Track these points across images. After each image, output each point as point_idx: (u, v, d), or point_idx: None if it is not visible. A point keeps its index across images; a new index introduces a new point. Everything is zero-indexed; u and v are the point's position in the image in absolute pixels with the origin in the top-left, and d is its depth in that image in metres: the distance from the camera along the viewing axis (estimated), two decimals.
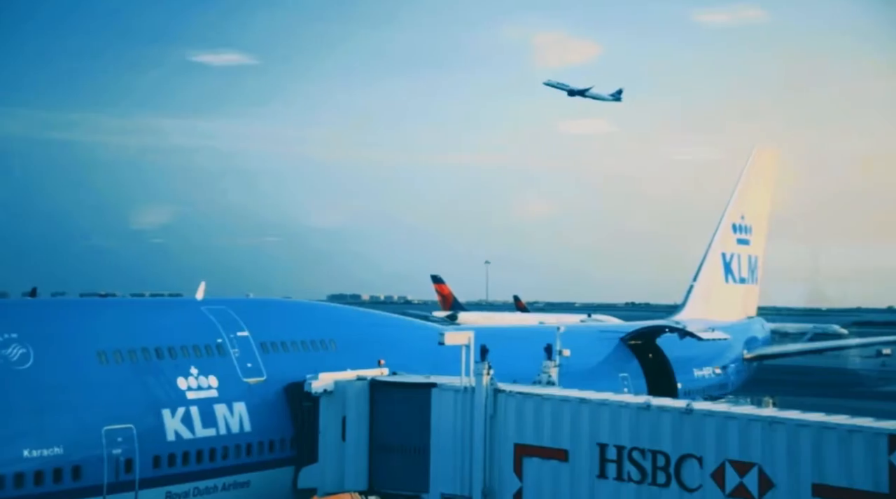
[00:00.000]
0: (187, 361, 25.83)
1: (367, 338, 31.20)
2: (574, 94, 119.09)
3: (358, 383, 26.99)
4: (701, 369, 46.82)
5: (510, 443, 24.81)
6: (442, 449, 25.64)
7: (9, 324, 23.28)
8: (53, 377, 23.06)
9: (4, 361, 22.48)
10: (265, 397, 26.89)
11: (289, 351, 28.58)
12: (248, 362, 27.16)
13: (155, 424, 24.16)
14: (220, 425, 25.56)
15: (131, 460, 23.25)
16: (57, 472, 21.98)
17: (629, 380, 40.43)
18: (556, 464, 24.11)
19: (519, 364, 29.88)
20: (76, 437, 22.57)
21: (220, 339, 27.04)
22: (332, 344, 29.94)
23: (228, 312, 28.16)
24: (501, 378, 25.68)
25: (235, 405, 26.11)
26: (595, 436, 23.69)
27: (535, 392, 25.33)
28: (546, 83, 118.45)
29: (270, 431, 26.65)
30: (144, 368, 24.83)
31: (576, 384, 27.30)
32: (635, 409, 23.45)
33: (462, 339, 25.79)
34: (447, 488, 25.49)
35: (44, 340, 23.47)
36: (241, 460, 25.83)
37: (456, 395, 25.59)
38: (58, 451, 22.10)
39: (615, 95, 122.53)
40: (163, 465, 23.98)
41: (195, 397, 25.34)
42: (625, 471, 23.19)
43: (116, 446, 23.04)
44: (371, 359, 28.39)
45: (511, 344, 33.47)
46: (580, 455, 23.82)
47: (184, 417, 24.79)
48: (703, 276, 55.48)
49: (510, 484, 24.71)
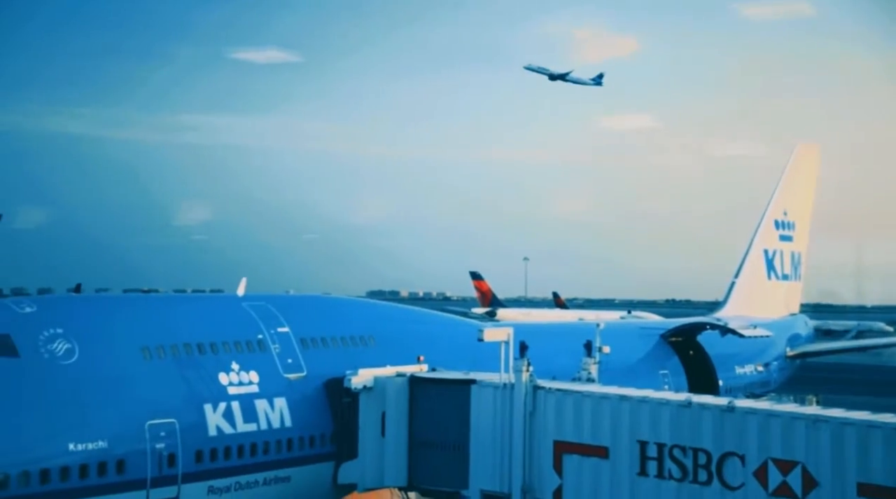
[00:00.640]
0: (228, 356, 26.04)
1: (406, 334, 31.25)
2: (555, 78, 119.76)
3: (397, 380, 27.05)
4: (743, 367, 46.39)
5: (550, 440, 24.73)
6: (481, 446, 25.61)
7: (54, 320, 23.63)
8: (98, 372, 23.35)
9: (50, 356, 22.82)
10: (305, 393, 27.04)
11: (328, 347, 28.72)
12: (288, 358, 27.33)
13: (197, 419, 24.39)
14: (261, 420, 25.75)
15: (174, 455, 23.48)
16: (101, 466, 22.26)
17: (669, 377, 40.17)
18: (596, 461, 23.99)
19: (558, 361, 29.82)
20: (120, 431, 22.84)
21: (261, 335, 27.24)
22: (371, 340, 30.03)
23: (269, 308, 28.36)
24: (541, 375, 25.61)
25: (276, 401, 26.29)
26: (635, 433, 23.55)
27: (574, 389, 25.22)
28: (526, 68, 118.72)
29: (311, 426, 26.80)
30: (186, 364, 25.07)
31: (616, 381, 27.16)
32: (676, 406, 23.27)
33: (501, 335, 25.74)
34: (486, 485, 25.47)
35: (88, 335, 23.79)
36: (281, 455, 25.99)
37: (495, 391, 25.55)
38: (102, 445, 22.38)
39: (596, 80, 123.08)
40: (205, 459, 24.20)
41: (236, 392, 25.54)
42: (665, 469, 23.03)
43: (159, 440, 23.29)
44: (410, 355, 28.44)
45: (550, 341, 33.37)
46: (620, 453, 23.68)
47: (225, 412, 25.00)
48: (745, 272, 54.97)
49: (550, 481, 24.63)
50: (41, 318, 23.51)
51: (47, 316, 23.71)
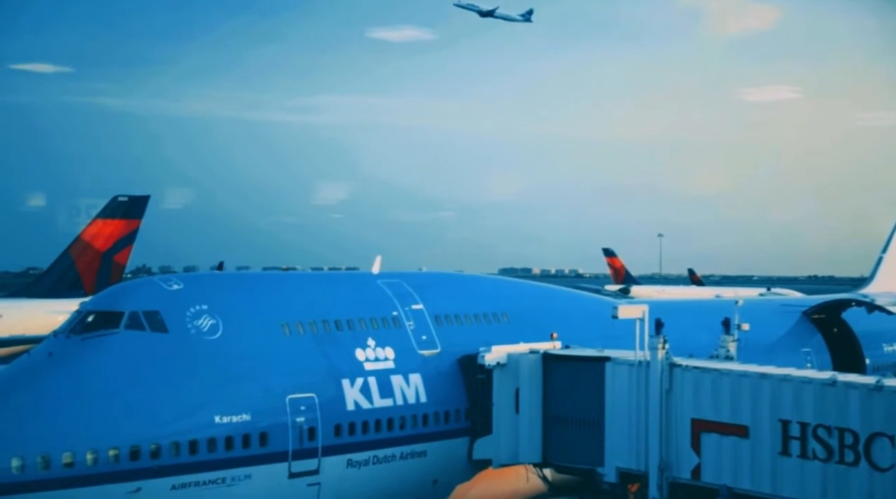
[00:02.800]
0: (365, 333, 26.54)
1: (538, 311, 31.18)
2: (484, 15, 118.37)
3: (531, 356, 27.03)
4: (891, 345, 44.45)
5: (687, 418, 24.29)
6: (616, 423, 25.38)
7: (200, 296, 24.54)
8: (240, 347, 24.17)
9: (196, 331, 23.73)
10: (440, 369, 27.33)
11: (462, 324, 28.92)
12: (422, 335, 27.66)
13: (335, 393, 24.97)
14: (397, 395, 26.17)
15: (314, 429, 24.12)
16: (245, 438, 23.08)
17: (812, 355, 38.87)
18: (735, 440, 23.46)
19: (695, 338, 29.27)
20: (262, 405, 23.60)
21: (396, 311, 27.63)
22: (504, 317, 30.09)
23: (403, 285, 28.74)
24: (677, 353, 25.17)
25: (411, 377, 26.67)
26: (777, 412, 22.91)
27: (712, 367, 24.69)
28: (456, 4, 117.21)
29: (445, 402, 27.08)
30: (325, 340, 25.68)
31: (755, 359, 26.47)
32: (820, 385, 22.52)
33: (636, 312, 25.39)
34: (622, 463, 25.24)
35: (231, 311, 24.63)
36: (417, 430, 26.38)
37: (630, 369, 25.25)
38: (246, 418, 23.18)
39: (525, 16, 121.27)
40: (343, 433, 24.78)
41: (373, 368, 26.02)
42: (809, 449, 22.34)
43: (300, 414, 23.96)
44: (543, 332, 28.37)
45: (686, 318, 32.78)
46: (761, 432, 23.09)
47: (362, 387, 25.51)
48: (894, 247, 52.61)
49: (688, 460, 24.23)
50: (187, 295, 24.45)
51: (193, 293, 24.63)
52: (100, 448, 21.23)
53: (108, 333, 23.01)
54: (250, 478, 22.99)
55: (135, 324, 23.22)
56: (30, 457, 20.60)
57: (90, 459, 21.11)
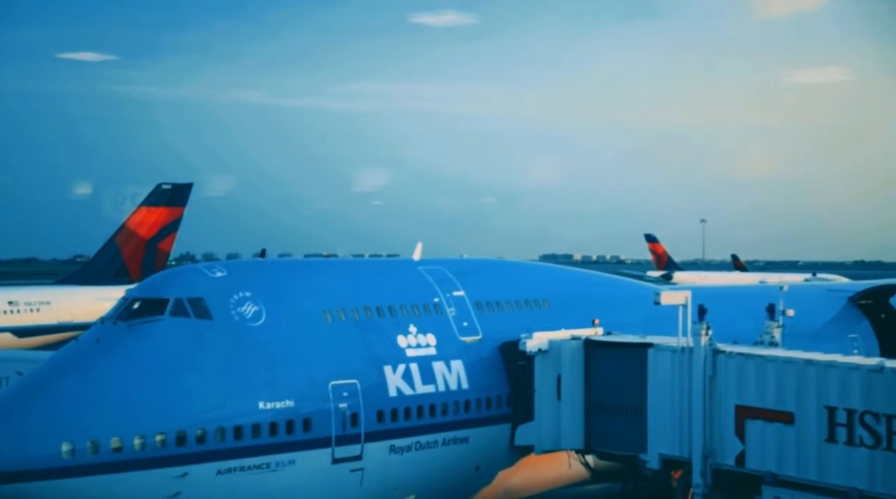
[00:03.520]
0: (406, 319, 26.63)
1: (580, 298, 31.07)
2: None
3: (572, 343, 26.97)
4: None
5: (731, 405, 24.12)
6: (659, 410, 25.26)
7: (243, 283, 24.75)
8: (283, 334, 24.35)
9: (240, 318, 23.95)
10: (481, 356, 27.36)
11: (503, 310, 28.90)
12: (464, 321, 27.69)
13: (378, 380, 25.09)
14: (439, 381, 26.24)
15: (356, 415, 24.27)
16: (289, 423, 23.28)
17: (859, 341, 38.33)
18: (780, 427, 23.26)
19: (739, 325, 29.01)
20: (305, 391, 23.78)
21: (437, 298, 27.69)
22: (545, 304, 30.03)
23: (444, 271, 28.78)
24: (720, 339, 24.96)
25: (453, 363, 26.72)
26: (823, 399, 22.67)
27: (756, 353, 24.47)
28: None
29: (487, 388, 27.12)
30: (366, 326, 25.80)
31: (800, 346, 26.19)
32: (867, 371, 22.24)
33: (679, 298, 25.21)
34: (665, 449, 25.13)
35: (274, 298, 24.81)
36: (459, 416, 26.45)
37: (673, 355, 25.10)
38: (289, 404, 23.38)
39: None
40: (386, 419, 24.91)
41: (414, 354, 26.11)
42: (856, 435, 22.09)
43: (342, 400, 24.12)
44: (584, 318, 28.29)
45: (730, 304, 32.49)
46: (807, 418, 22.86)
47: (404, 373, 25.61)
48: None
49: (732, 446, 24.06)
50: (231, 282, 24.67)
51: (236, 280, 24.85)
52: (147, 433, 21.54)
53: (153, 320, 23.29)
54: (294, 464, 23.20)
55: (180, 311, 23.47)
56: (80, 442, 20.95)
57: (138, 444, 21.43)
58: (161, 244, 76.17)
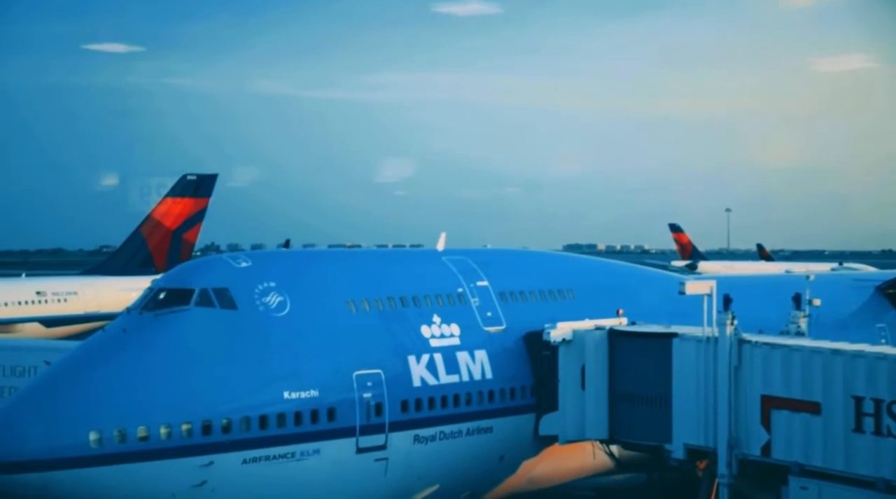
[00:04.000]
0: (430, 309, 26.65)
1: (604, 288, 30.99)
2: None
3: (597, 333, 26.90)
4: None
5: (757, 395, 23.99)
6: (684, 400, 25.15)
7: (267, 274, 24.84)
8: (308, 324, 24.44)
9: (265, 308, 24.05)
10: (505, 346, 27.35)
11: (527, 300, 28.87)
12: (487, 311, 27.68)
13: (402, 369, 25.14)
14: (463, 371, 26.26)
15: (381, 404, 24.33)
16: (314, 413, 23.38)
17: (887, 331, 38.01)
18: (807, 417, 23.12)
19: (764, 314, 28.82)
20: (330, 381, 23.86)
21: (461, 288, 27.69)
22: (569, 294, 29.97)
23: (468, 262, 28.76)
24: (746, 329, 24.83)
25: (477, 353, 26.73)
26: (850, 389, 22.50)
27: (783, 343, 24.33)
28: None
29: (511, 378, 27.11)
30: (390, 316, 25.84)
31: (827, 336, 26.01)
32: (894, 360, 22.04)
33: (704, 288, 25.09)
34: (691, 439, 25.03)
35: (298, 288, 24.90)
36: (483, 406, 26.46)
37: (698, 345, 24.98)
38: (314, 393, 23.47)
39: None
40: (410, 409, 24.95)
41: (438, 344, 26.14)
42: (884, 425, 21.91)
43: (367, 390, 24.18)
44: (609, 308, 28.20)
45: (756, 294, 32.30)
46: (834, 408, 22.71)
47: (428, 363, 25.65)
48: None
49: (757, 436, 23.94)
50: (256, 272, 24.76)
51: (261, 270, 24.94)
52: (173, 422, 21.68)
53: (179, 310, 23.43)
54: (319, 453, 23.30)
55: (205, 301, 23.59)
56: (107, 430, 21.13)
57: (164, 433, 21.58)
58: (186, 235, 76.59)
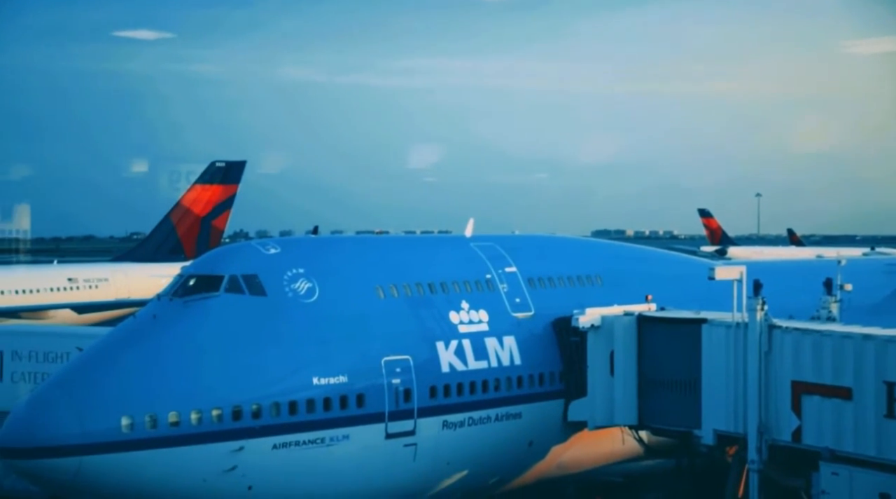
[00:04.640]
0: (458, 295, 26.67)
1: (633, 273, 30.88)
2: None
3: (625, 319, 26.81)
4: None
5: (787, 380, 23.84)
6: (713, 386, 25.05)
7: (296, 260, 24.95)
8: (336, 310, 24.53)
9: (294, 294, 24.16)
10: (533, 332, 27.32)
11: (555, 286, 28.82)
12: (516, 297, 27.67)
13: (430, 355, 25.19)
14: (492, 357, 26.27)
15: (409, 390, 24.41)
16: (343, 399, 23.48)
17: None
18: (838, 402, 22.95)
19: (795, 300, 28.59)
20: (358, 366, 23.96)
21: (489, 274, 27.67)
22: (598, 279, 29.89)
23: (496, 248, 28.73)
24: (776, 314, 24.65)
25: (505, 339, 26.72)
26: (882, 374, 22.31)
27: (813, 328, 24.15)
28: None
29: (540, 364, 27.10)
30: (419, 302, 25.89)
31: (859, 321, 25.77)
32: None
33: (733, 273, 24.93)
34: (720, 425, 24.93)
35: (327, 274, 24.99)
36: (512, 392, 26.47)
37: (728, 331, 24.84)
38: (343, 379, 23.58)
39: None
40: (438, 395, 25.01)
41: (467, 330, 26.16)
42: None
43: (395, 375, 24.26)
44: (637, 294, 28.08)
45: (786, 279, 32.06)
46: (865, 394, 22.53)
47: (457, 349, 25.68)
48: None
49: (788, 422, 23.81)
50: (285, 259, 24.88)
51: (290, 257, 25.05)
52: (204, 408, 21.86)
53: (208, 297, 23.59)
54: (348, 438, 23.42)
55: (234, 287, 23.73)
56: (138, 416, 21.35)
57: (195, 418, 21.77)
58: (215, 221, 77.06)
